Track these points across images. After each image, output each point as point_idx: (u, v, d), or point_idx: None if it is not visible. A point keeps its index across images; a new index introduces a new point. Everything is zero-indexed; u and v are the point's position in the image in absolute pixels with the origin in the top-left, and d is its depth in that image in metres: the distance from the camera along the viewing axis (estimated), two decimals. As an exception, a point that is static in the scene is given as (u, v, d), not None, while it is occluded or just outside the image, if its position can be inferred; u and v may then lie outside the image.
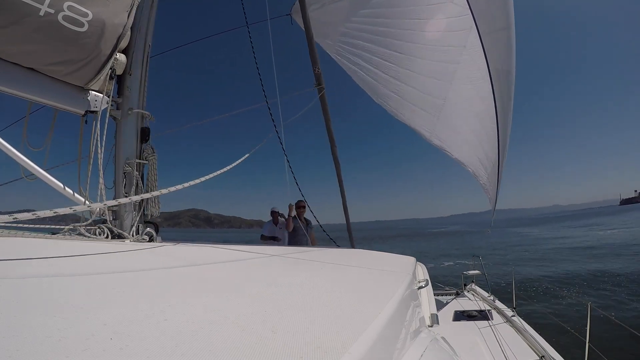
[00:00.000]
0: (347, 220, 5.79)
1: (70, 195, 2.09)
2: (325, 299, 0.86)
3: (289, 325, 0.60)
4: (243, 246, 2.22)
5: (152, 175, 2.26)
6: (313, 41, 5.01)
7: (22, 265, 0.91)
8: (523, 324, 3.62)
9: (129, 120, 2.24)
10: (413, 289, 1.39)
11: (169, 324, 0.55)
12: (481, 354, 2.96)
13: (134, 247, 1.63)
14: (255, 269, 1.39)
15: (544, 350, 3.00)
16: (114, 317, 0.55)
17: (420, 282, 1.75)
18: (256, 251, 1.93)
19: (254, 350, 0.48)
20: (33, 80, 1.84)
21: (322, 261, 1.84)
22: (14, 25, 1.66)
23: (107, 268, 1.05)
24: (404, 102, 5.47)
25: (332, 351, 0.50)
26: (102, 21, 1.92)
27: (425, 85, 5.28)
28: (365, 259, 2.24)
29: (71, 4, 1.77)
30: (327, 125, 5.41)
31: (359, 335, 0.58)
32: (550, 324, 4.60)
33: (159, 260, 1.36)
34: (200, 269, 1.21)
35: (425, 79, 5.24)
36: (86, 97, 2.04)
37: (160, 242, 2.16)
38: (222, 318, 0.61)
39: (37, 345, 0.42)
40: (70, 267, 0.98)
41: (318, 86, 5.18)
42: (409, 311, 1.09)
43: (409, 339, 0.92)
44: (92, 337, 0.47)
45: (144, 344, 0.46)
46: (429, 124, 5.44)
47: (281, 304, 0.75)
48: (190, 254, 1.60)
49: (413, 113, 5.49)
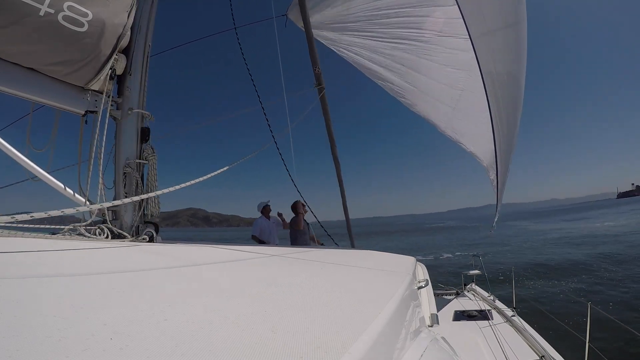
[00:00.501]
0: (347, 219, 5.78)
1: (70, 196, 2.09)
2: (325, 299, 0.86)
3: (289, 325, 0.60)
4: (243, 246, 2.23)
5: (152, 175, 2.26)
6: (313, 41, 5.01)
7: (22, 265, 0.91)
8: (523, 324, 3.62)
9: (129, 120, 2.24)
10: (413, 289, 1.39)
11: (169, 324, 0.55)
12: (481, 354, 2.96)
13: (134, 247, 1.63)
14: (255, 269, 1.39)
15: (544, 350, 3.00)
16: (114, 317, 0.55)
17: (420, 282, 1.75)
18: (256, 251, 1.93)
19: (254, 350, 0.48)
20: (33, 80, 1.84)
21: (322, 261, 1.84)
22: (14, 25, 1.66)
23: (107, 268, 1.05)
24: (420, 94, 5.29)
25: (332, 351, 0.50)
26: (102, 21, 1.92)
27: (443, 75, 5.06)
28: (365, 259, 2.24)
29: (71, 4, 1.77)
30: (327, 125, 5.41)
31: (359, 335, 0.58)
32: (550, 324, 4.61)
33: (159, 260, 1.36)
34: (200, 269, 1.21)
35: (443, 69, 5.02)
36: (86, 97, 2.04)
37: (161, 242, 2.16)
38: (222, 318, 0.61)
39: (37, 345, 0.42)
40: (70, 267, 0.98)
41: (318, 86, 5.18)
42: (409, 311, 1.09)
43: (409, 339, 0.92)
44: (92, 337, 0.47)
45: (144, 344, 0.46)
46: (445, 115, 5.24)
47: (281, 304, 0.75)
48: (190, 253, 1.60)
49: (428, 104, 5.32)
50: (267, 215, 5.52)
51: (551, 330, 4.40)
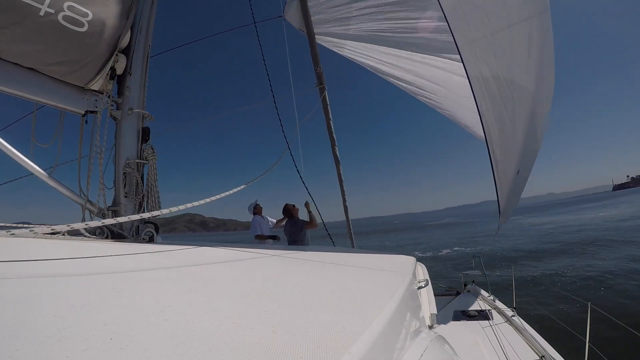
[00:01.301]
0: (348, 219, 5.77)
1: (70, 195, 2.09)
2: (325, 299, 0.86)
3: (289, 325, 0.60)
4: (243, 246, 2.22)
5: (152, 175, 2.26)
6: (314, 40, 5.01)
7: (21, 265, 0.91)
8: (523, 324, 3.62)
9: (129, 121, 2.24)
10: (413, 289, 1.39)
11: (169, 324, 0.55)
12: (481, 354, 2.96)
13: (134, 247, 1.63)
14: (256, 269, 1.39)
15: (544, 350, 2.99)
16: (114, 317, 0.55)
17: (420, 282, 1.75)
18: (256, 251, 1.93)
19: (254, 350, 0.48)
20: (33, 80, 1.84)
21: (322, 261, 1.84)
22: (14, 25, 1.66)
23: (107, 268, 1.05)
24: (450, 94, 5.19)
25: (332, 351, 0.50)
26: (102, 21, 1.92)
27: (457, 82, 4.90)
28: (366, 259, 2.24)
29: (71, 4, 1.77)
30: (328, 124, 5.41)
31: (359, 335, 0.58)
32: (551, 324, 4.61)
33: (159, 260, 1.36)
34: (200, 269, 1.21)
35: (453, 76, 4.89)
36: (86, 97, 2.04)
37: (161, 242, 2.16)
38: (222, 318, 0.61)
39: (37, 345, 0.42)
40: (70, 267, 0.98)
41: (319, 85, 5.18)
42: (409, 311, 1.09)
43: (409, 339, 0.92)
44: (92, 337, 0.47)
45: (144, 344, 0.46)
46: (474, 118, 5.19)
47: (281, 304, 0.75)
48: (190, 254, 1.60)
49: (458, 104, 5.22)
50: (260, 213, 5.60)
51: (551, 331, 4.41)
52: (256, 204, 5.64)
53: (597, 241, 16.43)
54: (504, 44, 3.82)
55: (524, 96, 4.33)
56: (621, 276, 9.50)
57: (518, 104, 4.25)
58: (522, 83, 4.22)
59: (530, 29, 4.05)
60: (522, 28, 3.97)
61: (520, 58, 4.10)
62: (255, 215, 5.55)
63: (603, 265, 11.06)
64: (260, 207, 5.64)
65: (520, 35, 3.98)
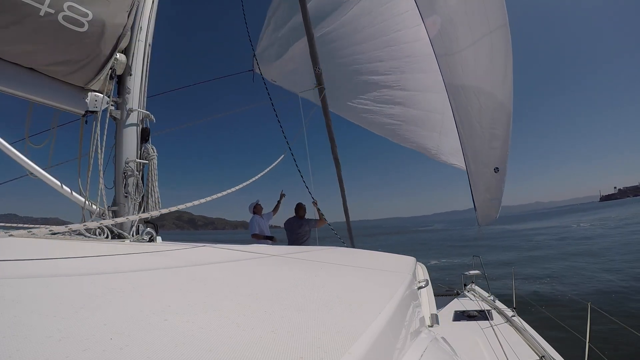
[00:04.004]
0: (347, 219, 5.78)
1: (70, 195, 2.09)
2: (325, 299, 0.86)
3: (289, 325, 0.60)
4: (243, 246, 2.22)
5: (152, 175, 2.26)
6: (313, 41, 5.00)
7: (22, 265, 0.91)
8: (523, 324, 3.61)
9: (129, 121, 2.24)
10: (413, 289, 1.39)
11: (168, 324, 0.55)
12: (481, 354, 2.96)
13: (134, 247, 1.63)
14: (255, 269, 1.39)
15: (544, 350, 2.99)
16: (114, 317, 0.55)
17: (420, 282, 1.75)
18: (256, 251, 1.93)
19: (254, 350, 0.48)
20: (33, 80, 1.84)
21: (322, 261, 1.84)
22: (14, 25, 1.66)
23: (107, 268, 1.05)
24: (407, 126, 5.45)
25: (332, 351, 0.50)
26: (102, 21, 1.92)
27: (425, 102, 5.26)
28: (365, 259, 2.24)
29: (71, 4, 1.77)
30: (327, 124, 5.41)
31: (359, 335, 0.58)
32: (551, 324, 4.61)
33: (159, 260, 1.36)
34: (200, 269, 1.21)
35: (424, 95, 5.22)
36: (86, 97, 2.04)
37: (160, 242, 2.16)
38: (222, 318, 0.61)
39: (37, 345, 0.42)
40: (70, 267, 0.98)
41: (319, 86, 5.18)
42: (409, 311, 1.08)
43: (409, 339, 0.92)
44: (92, 337, 0.47)
45: (144, 344, 0.46)
46: (434, 141, 5.44)
47: (281, 304, 0.75)
48: (190, 254, 1.60)
49: (415, 135, 5.50)
50: (260, 212, 5.61)
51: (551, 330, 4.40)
52: (257, 204, 5.64)
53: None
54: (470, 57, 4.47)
55: (489, 100, 4.72)
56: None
57: (485, 108, 4.70)
58: (486, 88, 4.67)
59: (491, 41, 4.51)
60: (485, 41, 4.51)
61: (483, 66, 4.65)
62: (255, 215, 5.56)
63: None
64: (261, 207, 5.64)
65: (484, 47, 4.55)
